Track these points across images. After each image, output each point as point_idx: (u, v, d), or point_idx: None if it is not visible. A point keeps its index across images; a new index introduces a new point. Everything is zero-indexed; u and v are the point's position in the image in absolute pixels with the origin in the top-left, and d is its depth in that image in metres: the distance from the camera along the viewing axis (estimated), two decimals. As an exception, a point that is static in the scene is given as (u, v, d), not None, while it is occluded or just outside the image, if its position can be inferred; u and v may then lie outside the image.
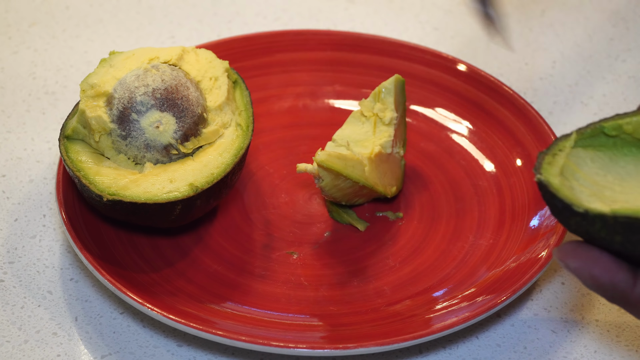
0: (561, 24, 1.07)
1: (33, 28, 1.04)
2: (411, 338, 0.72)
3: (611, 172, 0.68)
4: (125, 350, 0.75)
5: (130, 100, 0.78)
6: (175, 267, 0.79)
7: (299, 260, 0.81)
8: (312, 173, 0.80)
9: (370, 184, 0.81)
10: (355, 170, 0.80)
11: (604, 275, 0.61)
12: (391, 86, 0.85)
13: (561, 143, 0.68)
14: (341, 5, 1.08)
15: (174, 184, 0.76)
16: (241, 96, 0.83)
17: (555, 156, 0.67)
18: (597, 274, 0.62)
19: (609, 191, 0.66)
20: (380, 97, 0.85)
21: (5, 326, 0.76)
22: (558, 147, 0.68)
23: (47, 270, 0.80)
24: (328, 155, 0.79)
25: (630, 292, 0.62)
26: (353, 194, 0.82)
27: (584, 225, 0.62)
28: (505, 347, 0.76)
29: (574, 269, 0.62)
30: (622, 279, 0.62)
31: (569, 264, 0.62)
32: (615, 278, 0.61)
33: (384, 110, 0.85)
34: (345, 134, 0.85)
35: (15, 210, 0.85)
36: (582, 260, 0.62)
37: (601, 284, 0.62)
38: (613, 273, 0.62)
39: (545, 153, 0.67)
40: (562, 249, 0.63)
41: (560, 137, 0.69)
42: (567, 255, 0.62)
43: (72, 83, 0.98)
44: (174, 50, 0.83)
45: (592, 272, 0.62)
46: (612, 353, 0.76)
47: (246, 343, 0.71)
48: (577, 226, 0.63)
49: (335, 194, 0.81)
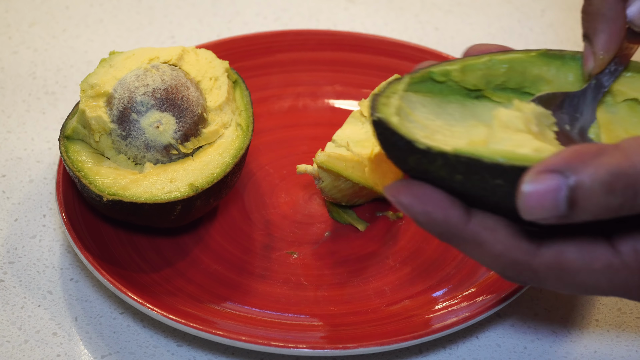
0: (561, 24, 1.07)
1: (33, 28, 1.04)
2: (411, 338, 0.72)
3: (440, 117, 0.68)
4: (125, 350, 0.75)
5: (130, 100, 0.78)
6: (175, 267, 0.79)
7: (299, 260, 0.81)
8: (312, 174, 0.80)
9: (370, 185, 0.81)
10: (356, 171, 0.80)
11: (437, 210, 0.60)
12: None
13: (394, 86, 0.67)
14: (341, 5, 1.08)
15: (174, 184, 0.76)
16: (241, 96, 0.83)
17: (389, 98, 0.66)
18: (430, 210, 0.60)
19: (440, 135, 0.66)
20: None
21: (5, 326, 0.76)
22: (391, 90, 0.67)
23: (47, 270, 0.80)
24: (328, 156, 0.79)
25: (464, 228, 0.61)
26: (353, 194, 0.82)
27: (423, 163, 0.60)
28: (505, 347, 0.76)
29: (406, 205, 0.61)
30: (455, 214, 0.61)
31: (401, 200, 0.61)
32: (449, 213, 0.61)
33: None
34: (345, 134, 0.84)
35: (15, 210, 0.85)
36: (415, 196, 0.61)
37: (434, 220, 0.61)
38: (446, 209, 0.61)
39: (379, 95, 0.66)
40: (394, 185, 0.61)
41: (393, 80, 0.67)
42: (399, 191, 0.61)
43: (72, 83, 0.98)
44: (174, 50, 0.83)
45: (425, 207, 0.60)
46: (612, 353, 0.76)
47: (246, 343, 0.71)
48: (415, 164, 0.61)
49: (335, 195, 0.81)
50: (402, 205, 0.61)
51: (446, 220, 0.61)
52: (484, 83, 0.69)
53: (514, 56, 0.69)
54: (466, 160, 0.59)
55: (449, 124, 0.67)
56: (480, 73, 0.69)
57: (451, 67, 0.69)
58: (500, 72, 0.69)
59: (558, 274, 0.62)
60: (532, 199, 0.58)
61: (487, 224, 0.61)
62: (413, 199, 0.61)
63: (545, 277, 0.62)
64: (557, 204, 0.57)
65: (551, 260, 0.62)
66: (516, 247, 0.62)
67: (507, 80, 0.69)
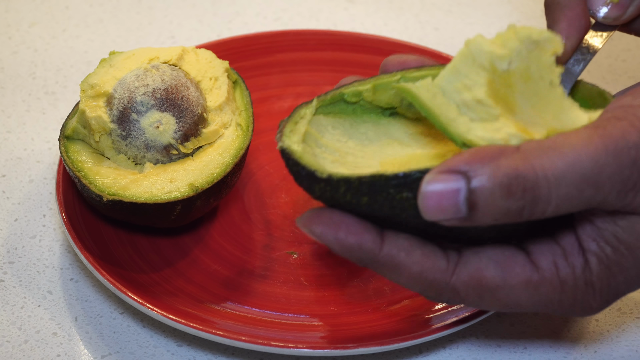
0: (561, 24, 1.07)
1: (33, 28, 1.04)
2: (411, 338, 0.72)
3: (352, 138, 0.67)
4: (125, 350, 0.75)
5: (130, 100, 0.78)
6: (175, 267, 0.79)
7: (299, 260, 0.81)
8: None
9: None
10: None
11: (349, 237, 0.60)
12: None
13: (302, 110, 0.67)
14: (341, 5, 1.08)
15: (174, 184, 0.76)
16: (241, 96, 0.83)
17: (296, 124, 0.65)
18: (342, 237, 0.60)
19: (351, 157, 0.65)
20: None
21: (5, 326, 0.76)
22: (299, 115, 0.66)
23: (47, 270, 0.80)
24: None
25: (378, 252, 0.61)
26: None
27: (328, 191, 0.61)
28: (505, 347, 0.76)
29: (318, 234, 0.61)
30: (368, 239, 0.61)
31: (313, 229, 0.61)
32: (362, 239, 0.60)
33: None
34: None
35: (15, 210, 0.85)
36: (326, 224, 0.60)
37: (348, 246, 0.61)
38: (359, 234, 0.61)
39: (287, 121, 0.65)
40: (305, 216, 0.61)
41: (302, 104, 0.67)
42: (310, 221, 0.61)
43: (72, 83, 0.98)
44: (174, 50, 0.83)
45: (337, 235, 0.60)
46: (612, 353, 0.76)
47: (246, 343, 0.71)
48: (321, 192, 0.61)
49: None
50: (315, 234, 0.61)
51: (360, 245, 0.61)
52: (398, 101, 0.68)
53: (426, 72, 0.68)
54: (369, 181, 0.59)
55: (362, 144, 0.67)
56: (393, 92, 0.68)
57: (362, 87, 0.68)
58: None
59: (478, 292, 0.62)
60: (432, 199, 0.57)
61: (402, 245, 0.61)
62: (324, 227, 0.60)
63: (466, 295, 0.62)
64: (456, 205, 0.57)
65: (469, 278, 0.61)
66: (433, 267, 0.61)
67: None
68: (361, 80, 0.68)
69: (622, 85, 1.00)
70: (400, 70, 0.68)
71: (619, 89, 0.99)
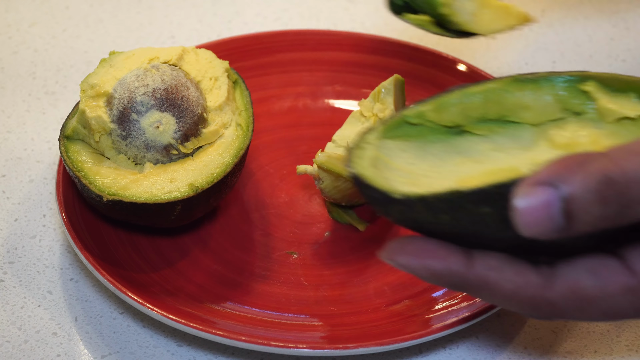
0: (561, 24, 1.07)
1: (33, 28, 1.04)
2: (411, 338, 0.72)
3: (424, 159, 0.66)
4: (125, 350, 0.75)
5: (130, 100, 0.78)
6: (175, 267, 0.79)
7: (299, 260, 0.81)
8: (312, 175, 0.80)
9: None
10: None
11: (436, 263, 0.59)
12: (390, 86, 0.85)
13: (367, 136, 0.65)
14: (341, 5, 1.08)
15: (174, 184, 0.76)
16: (241, 96, 0.83)
17: (363, 150, 0.64)
18: (429, 264, 0.59)
19: (424, 178, 0.64)
20: (379, 97, 0.85)
21: (5, 326, 0.76)
22: (365, 141, 0.65)
23: (47, 270, 0.80)
24: (328, 157, 0.79)
25: (468, 274, 0.59)
26: (353, 194, 0.82)
27: (406, 212, 0.59)
28: (505, 347, 0.76)
29: (404, 264, 0.59)
30: (455, 261, 0.59)
31: (399, 261, 0.60)
32: (449, 263, 0.59)
33: (383, 110, 0.85)
34: (345, 135, 0.84)
35: (15, 210, 0.85)
36: (410, 254, 0.59)
37: (436, 273, 0.59)
38: (445, 258, 0.59)
39: (354, 148, 0.64)
40: (387, 248, 0.60)
41: (365, 130, 0.66)
42: (393, 253, 0.60)
43: (72, 83, 0.98)
44: (174, 50, 0.83)
45: (424, 262, 0.59)
46: (612, 353, 0.76)
47: (246, 343, 0.71)
48: (400, 215, 0.60)
49: (335, 195, 0.81)
50: (400, 265, 0.59)
51: (448, 269, 0.59)
52: (463, 118, 0.67)
53: (486, 87, 0.68)
54: (446, 198, 0.57)
55: (435, 165, 0.66)
56: (456, 109, 0.67)
57: (424, 108, 0.67)
58: (476, 105, 0.67)
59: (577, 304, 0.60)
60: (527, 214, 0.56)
61: (491, 264, 0.59)
62: (409, 257, 0.59)
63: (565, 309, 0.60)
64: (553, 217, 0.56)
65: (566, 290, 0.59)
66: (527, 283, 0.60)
67: (486, 112, 0.68)
68: (422, 101, 0.67)
69: (622, 85, 1.00)
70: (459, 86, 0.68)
71: (619, 89, 0.99)
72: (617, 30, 1.06)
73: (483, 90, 0.68)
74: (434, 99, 0.67)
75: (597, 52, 1.04)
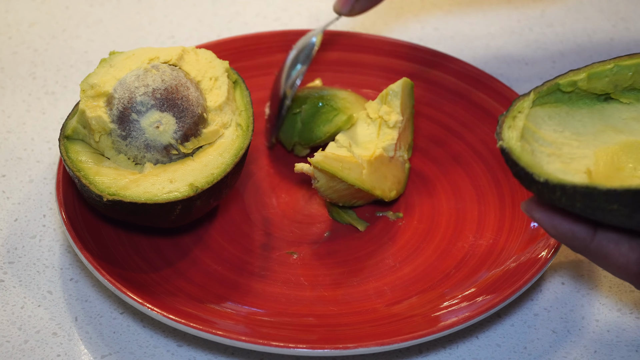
0: (561, 24, 1.07)
1: (33, 28, 1.04)
2: (411, 338, 0.72)
3: (568, 127, 0.72)
4: (125, 350, 0.75)
5: (130, 101, 0.78)
6: (175, 267, 0.79)
7: (299, 260, 0.81)
8: (308, 173, 0.80)
9: (366, 187, 0.81)
10: (352, 172, 0.80)
11: (563, 224, 0.68)
12: (399, 89, 0.85)
13: (519, 104, 0.72)
14: (341, 5, 1.08)
15: (174, 184, 0.76)
16: (241, 96, 0.83)
17: (515, 119, 0.71)
18: (557, 223, 0.68)
19: (567, 147, 0.71)
20: (387, 99, 0.85)
21: (5, 326, 0.76)
22: (517, 109, 0.71)
23: (47, 270, 0.80)
24: (324, 156, 0.79)
25: (590, 242, 0.68)
26: (350, 195, 0.82)
27: (545, 192, 0.67)
28: (505, 347, 0.76)
29: (537, 218, 0.69)
30: (581, 229, 0.68)
31: (534, 214, 0.69)
32: (575, 228, 0.68)
33: (389, 113, 0.85)
34: (348, 135, 0.84)
35: (15, 210, 0.85)
36: (545, 212, 0.68)
37: (562, 232, 0.68)
38: (572, 223, 0.68)
39: (505, 115, 0.70)
40: (529, 201, 0.69)
41: (519, 97, 0.72)
42: (532, 207, 0.69)
43: (72, 83, 0.98)
44: (174, 50, 0.83)
45: (553, 221, 0.68)
46: (612, 353, 0.76)
47: (246, 343, 0.71)
48: (539, 192, 0.67)
49: (331, 195, 0.81)
50: (535, 218, 0.69)
51: (573, 232, 0.68)
52: (612, 87, 0.73)
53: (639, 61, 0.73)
54: (583, 191, 0.64)
55: (577, 133, 0.72)
56: (607, 79, 0.73)
57: (577, 77, 0.72)
58: (627, 77, 0.72)
59: None
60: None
61: (611, 237, 0.68)
62: (543, 214, 0.69)
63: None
64: None
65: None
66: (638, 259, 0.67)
67: (635, 82, 0.73)
68: (575, 70, 0.73)
69: (622, 85, 1.00)
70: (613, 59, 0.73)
71: (619, 89, 0.99)
72: (617, 30, 1.06)
73: (636, 64, 0.72)
74: (588, 68, 0.73)
75: (597, 52, 1.04)
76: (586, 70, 0.73)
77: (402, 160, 0.86)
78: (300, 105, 0.87)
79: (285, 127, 0.88)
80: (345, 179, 0.79)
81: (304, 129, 0.87)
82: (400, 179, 0.85)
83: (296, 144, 0.88)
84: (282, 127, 0.88)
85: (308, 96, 0.88)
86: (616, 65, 0.72)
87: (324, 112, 0.86)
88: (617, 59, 0.73)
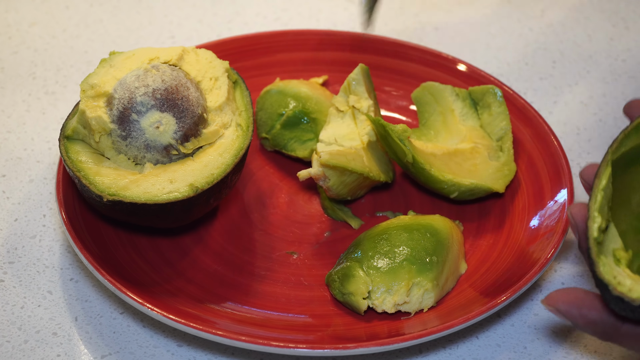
0: (561, 24, 1.07)
1: (33, 28, 1.04)
2: (411, 338, 0.72)
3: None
4: (125, 350, 0.75)
5: (130, 101, 0.78)
6: (175, 267, 0.79)
7: (299, 260, 0.81)
8: (316, 176, 0.80)
9: (374, 174, 0.81)
10: (357, 162, 0.80)
11: (592, 312, 0.66)
12: (359, 76, 0.86)
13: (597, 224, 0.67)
14: (341, 5, 1.08)
15: (174, 185, 0.76)
16: (241, 96, 0.83)
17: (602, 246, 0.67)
18: (585, 313, 0.66)
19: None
20: (351, 89, 0.86)
21: (5, 326, 0.76)
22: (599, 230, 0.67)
23: (47, 270, 0.80)
24: (330, 154, 0.79)
25: (620, 326, 0.66)
26: (357, 187, 0.82)
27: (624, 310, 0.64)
28: (505, 347, 0.76)
29: (564, 311, 0.66)
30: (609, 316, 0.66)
31: (559, 307, 0.66)
32: (603, 314, 0.66)
33: (358, 100, 0.85)
34: (330, 133, 0.84)
35: (15, 210, 0.85)
36: (570, 302, 0.66)
37: (591, 320, 0.66)
38: (600, 309, 0.66)
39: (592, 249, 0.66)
40: (549, 295, 0.67)
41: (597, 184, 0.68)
42: (554, 299, 0.67)
43: (72, 83, 0.98)
44: (174, 50, 0.83)
45: (581, 311, 0.66)
46: (612, 353, 0.76)
47: (246, 343, 0.71)
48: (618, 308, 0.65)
49: (341, 191, 0.81)
50: (561, 311, 0.67)
51: (601, 319, 0.66)
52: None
53: None
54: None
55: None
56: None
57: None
58: None
59: None
60: None
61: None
62: (569, 305, 0.67)
63: None
64: None
65: None
66: None
67: None
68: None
69: (622, 85, 1.00)
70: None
71: (619, 89, 0.99)
72: (617, 30, 1.06)
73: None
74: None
75: (597, 52, 1.04)
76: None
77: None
78: (287, 104, 0.88)
79: (264, 117, 0.88)
80: (354, 169, 0.80)
81: (279, 134, 0.87)
82: (386, 160, 0.85)
83: (265, 139, 0.88)
84: (266, 110, 0.88)
85: (296, 97, 0.88)
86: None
87: (302, 130, 0.87)
88: None
